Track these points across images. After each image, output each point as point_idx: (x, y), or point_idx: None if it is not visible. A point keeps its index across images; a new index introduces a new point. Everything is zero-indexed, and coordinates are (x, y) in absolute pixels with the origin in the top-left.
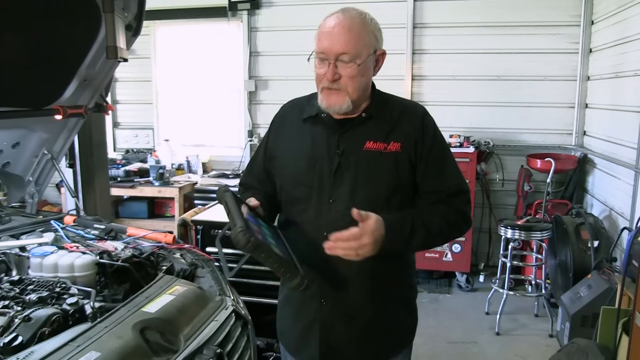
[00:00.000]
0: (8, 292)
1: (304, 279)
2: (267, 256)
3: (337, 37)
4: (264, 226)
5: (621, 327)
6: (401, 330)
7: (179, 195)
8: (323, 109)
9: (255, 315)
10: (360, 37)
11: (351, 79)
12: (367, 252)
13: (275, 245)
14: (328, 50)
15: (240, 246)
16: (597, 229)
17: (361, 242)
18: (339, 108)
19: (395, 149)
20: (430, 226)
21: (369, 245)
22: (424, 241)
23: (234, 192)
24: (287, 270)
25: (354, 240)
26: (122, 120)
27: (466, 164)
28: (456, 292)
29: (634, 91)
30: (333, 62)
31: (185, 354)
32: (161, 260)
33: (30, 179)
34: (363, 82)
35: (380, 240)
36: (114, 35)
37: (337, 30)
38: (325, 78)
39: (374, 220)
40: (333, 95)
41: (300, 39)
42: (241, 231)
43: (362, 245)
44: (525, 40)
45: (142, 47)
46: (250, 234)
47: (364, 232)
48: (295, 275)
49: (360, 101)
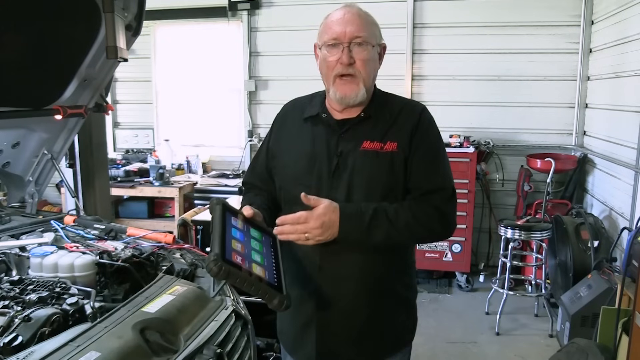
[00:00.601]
0: (8, 292)
1: (283, 300)
2: (242, 281)
3: (350, 22)
4: (255, 238)
5: (621, 327)
6: (400, 330)
7: (179, 195)
8: (336, 101)
9: (255, 315)
10: (368, 25)
11: (365, 62)
12: (317, 236)
13: (261, 261)
14: (342, 34)
15: (212, 274)
16: (597, 229)
17: (307, 225)
18: (354, 97)
19: (391, 149)
20: (395, 220)
21: (317, 229)
22: (387, 234)
23: (226, 204)
24: (265, 293)
25: (300, 223)
26: (122, 120)
27: (466, 164)
28: (456, 292)
29: (634, 91)
30: (347, 46)
31: (185, 354)
32: (161, 260)
33: (30, 179)
34: (374, 69)
35: (332, 226)
36: (114, 35)
37: (348, 16)
38: (340, 63)
39: (323, 205)
40: (347, 84)
41: (300, 39)
42: (213, 259)
43: (308, 229)
44: (525, 40)
45: (142, 47)
46: (223, 262)
47: (310, 216)
48: (273, 297)
49: (369, 93)
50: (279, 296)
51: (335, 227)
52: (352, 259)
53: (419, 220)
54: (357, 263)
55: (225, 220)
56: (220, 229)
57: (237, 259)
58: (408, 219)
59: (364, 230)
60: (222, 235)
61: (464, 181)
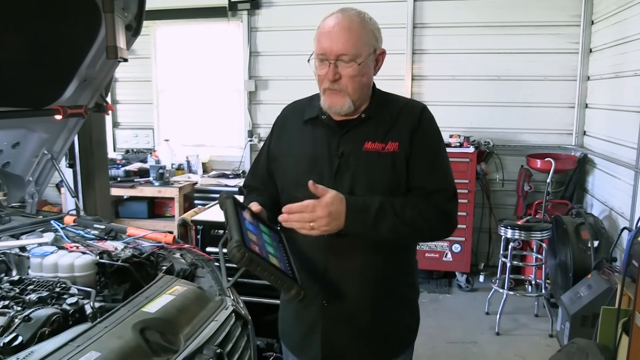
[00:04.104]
0: (8, 292)
1: (300, 290)
2: (262, 270)
3: (336, 38)
4: (265, 232)
5: (621, 327)
6: (403, 331)
7: (179, 195)
8: (325, 110)
9: (255, 315)
10: (359, 37)
11: (351, 78)
12: (323, 226)
13: (274, 254)
14: (328, 51)
15: (235, 261)
16: (597, 229)
17: (314, 214)
18: (340, 109)
19: (393, 149)
20: (401, 215)
21: (323, 218)
22: (393, 229)
23: (235, 198)
24: (283, 283)
25: (307, 212)
26: (122, 120)
27: (466, 164)
28: (456, 292)
29: (634, 91)
30: (333, 63)
31: (185, 354)
32: (161, 260)
33: (30, 179)
34: (364, 82)
35: (339, 217)
36: (114, 35)
37: (336, 30)
38: (326, 79)
39: (331, 195)
40: (334, 95)
41: (300, 39)
42: (236, 246)
43: (315, 218)
44: (525, 40)
45: (142, 47)
46: (245, 249)
47: (318, 204)
48: (291, 287)
49: (361, 101)
50: (297, 286)
51: (342, 218)
52: (356, 260)
53: (424, 216)
54: (361, 264)
55: (238, 212)
56: (235, 219)
57: (255, 248)
58: (414, 214)
59: (370, 222)
60: (238, 225)
61: (464, 181)
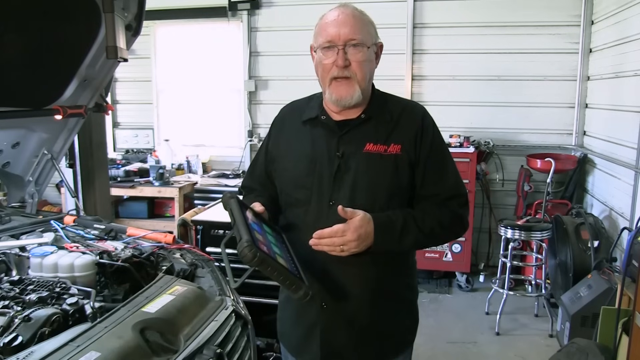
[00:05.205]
0: (8, 292)
1: (308, 290)
2: (273, 270)
3: (343, 24)
4: (269, 233)
5: (621, 327)
6: (402, 332)
7: (179, 195)
8: (333, 103)
9: (255, 315)
10: (363, 25)
11: (360, 64)
12: (352, 248)
13: (280, 254)
14: (336, 37)
15: (246, 261)
16: (597, 229)
17: (344, 238)
18: (350, 99)
19: (395, 152)
20: (422, 227)
21: (353, 241)
22: (415, 241)
23: (239, 198)
24: (292, 283)
25: (337, 236)
26: (122, 120)
27: (466, 164)
28: (456, 292)
29: (634, 91)
30: (342, 49)
31: (185, 354)
32: (161, 260)
33: (30, 179)
34: (370, 70)
35: (367, 238)
36: (114, 35)
37: (342, 17)
38: (335, 65)
39: (360, 217)
40: (343, 85)
41: (300, 39)
42: (247, 246)
43: (345, 242)
44: (525, 40)
45: (142, 47)
46: (256, 249)
47: (347, 229)
48: (300, 288)
49: (365, 94)
50: (305, 286)
51: (370, 239)
52: (355, 261)
53: (442, 225)
54: (360, 265)
55: (243, 212)
56: (242, 219)
57: (263, 247)
58: (433, 224)
59: (397, 238)
60: (246, 225)
61: (464, 181)
